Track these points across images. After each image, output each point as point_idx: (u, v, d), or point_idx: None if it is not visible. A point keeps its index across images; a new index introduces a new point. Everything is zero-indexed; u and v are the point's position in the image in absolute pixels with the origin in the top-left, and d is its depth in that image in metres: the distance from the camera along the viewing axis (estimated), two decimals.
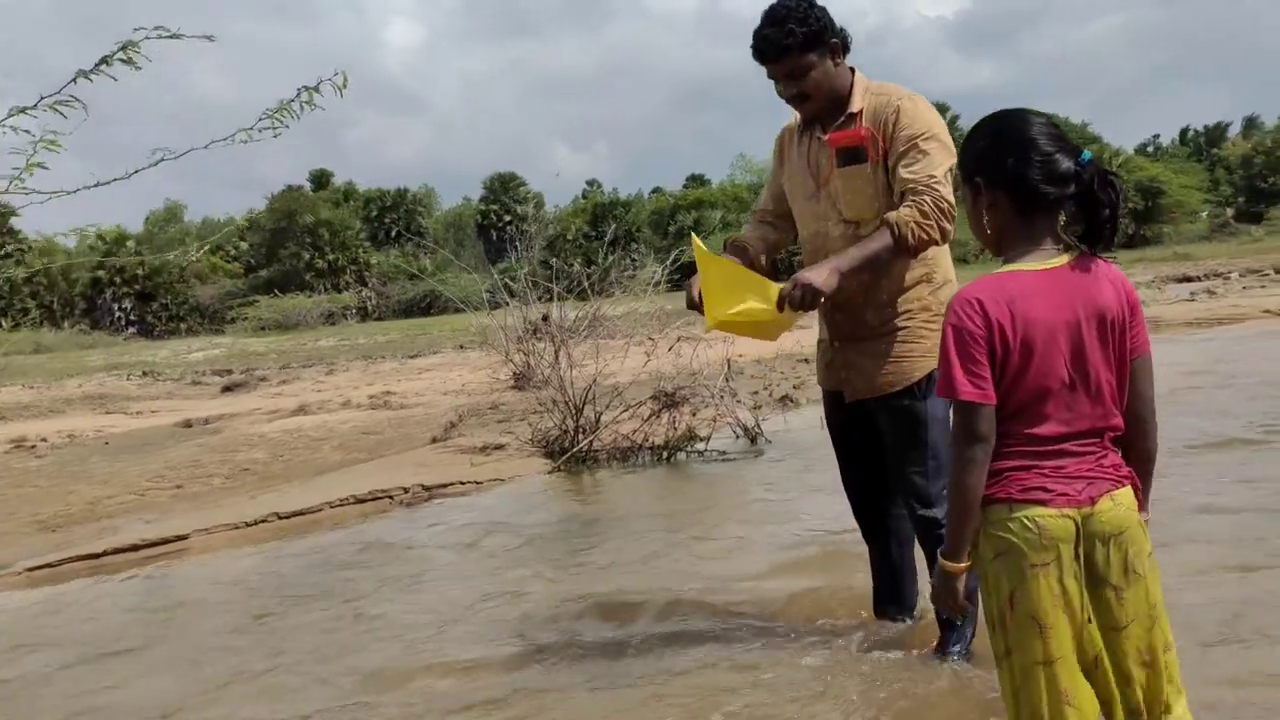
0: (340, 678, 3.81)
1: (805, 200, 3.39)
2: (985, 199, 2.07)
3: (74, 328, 46.69)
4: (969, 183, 2.10)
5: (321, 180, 67.58)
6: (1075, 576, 1.97)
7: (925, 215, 3.06)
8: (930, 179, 3.07)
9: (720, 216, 53.62)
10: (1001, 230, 2.07)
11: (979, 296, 1.98)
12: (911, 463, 3.28)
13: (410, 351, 22.00)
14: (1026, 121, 2.05)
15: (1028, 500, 1.98)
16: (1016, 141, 2.02)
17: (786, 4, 3.17)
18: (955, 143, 2.98)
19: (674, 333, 8.97)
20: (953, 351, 1.98)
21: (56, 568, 5.92)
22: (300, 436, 9.92)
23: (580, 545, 5.56)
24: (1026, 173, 1.99)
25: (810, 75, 3.20)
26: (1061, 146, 2.01)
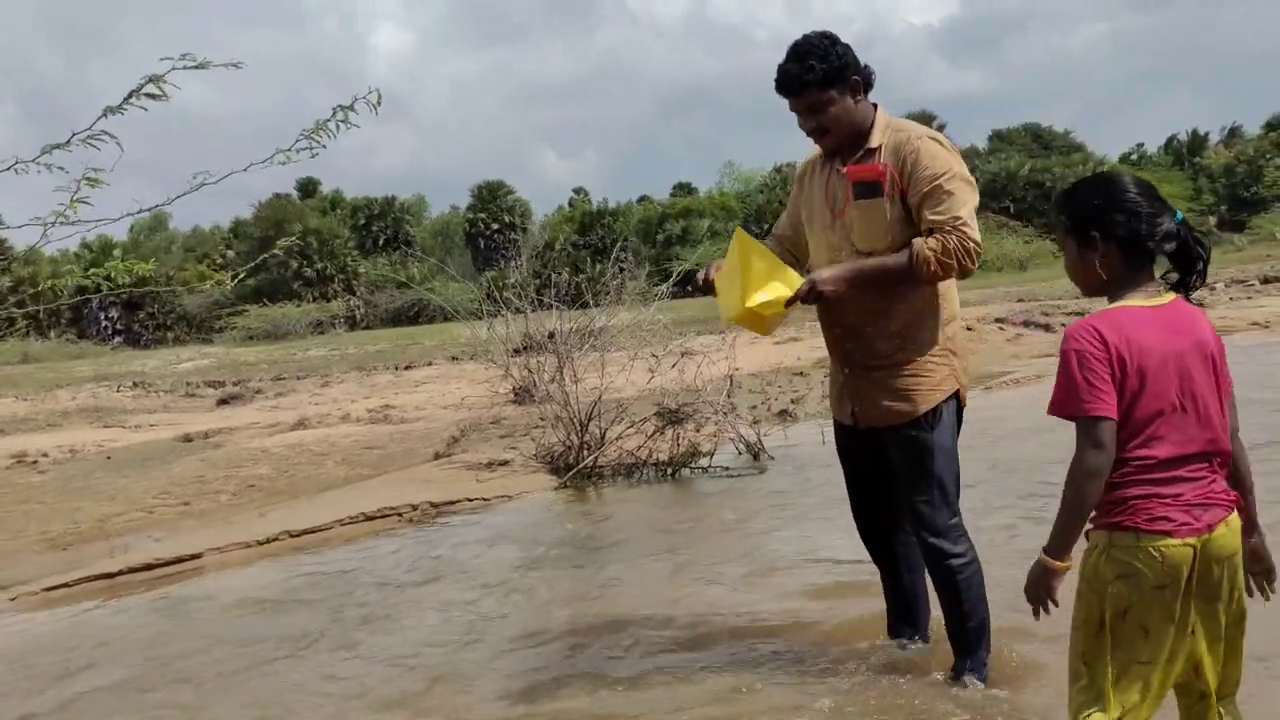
0: (357, 705, 3.88)
1: (821, 230, 3.48)
2: (1099, 250, 2.32)
3: (61, 337, 46.44)
4: (1080, 235, 2.35)
5: (309, 189, 67.32)
6: (1189, 594, 2.19)
7: (948, 253, 3.16)
8: (956, 220, 3.16)
9: (708, 225, 53.72)
10: (1112, 276, 2.33)
11: (1096, 325, 2.23)
12: (918, 492, 3.36)
13: (403, 362, 22.01)
14: (1136, 184, 2.34)
15: (1155, 531, 2.19)
16: (1130, 203, 2.30)
17: (810, 40, 3.26)
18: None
19: (677, 348, 9.06)
20: (1077, 372, 2.20)
21: (72, 588, 5.97)
22: (303, 451, 9.97)
23: (590, 564, 5.65)
24: (1140, 230, 2.28)
25: (829, 111, 3.28)
26: (1163, 207, 2.31)
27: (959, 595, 3.35)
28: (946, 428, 3.37)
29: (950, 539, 3.34)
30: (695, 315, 21.16)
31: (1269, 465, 6.13)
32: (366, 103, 3.48)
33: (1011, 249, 43.62)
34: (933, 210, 3.19)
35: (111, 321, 49.77)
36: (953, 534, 3.35)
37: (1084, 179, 2.45)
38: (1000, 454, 7.13)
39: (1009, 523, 5.39)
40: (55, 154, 3.08)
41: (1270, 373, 9.95)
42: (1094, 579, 2.23)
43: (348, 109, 3.50)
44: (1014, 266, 41.64)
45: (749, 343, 14.56)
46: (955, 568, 3.33)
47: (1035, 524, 4.97)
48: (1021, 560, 2.35)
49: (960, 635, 3.40)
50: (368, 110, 3.46)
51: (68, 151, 3.08)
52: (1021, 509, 5.65)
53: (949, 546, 3.34)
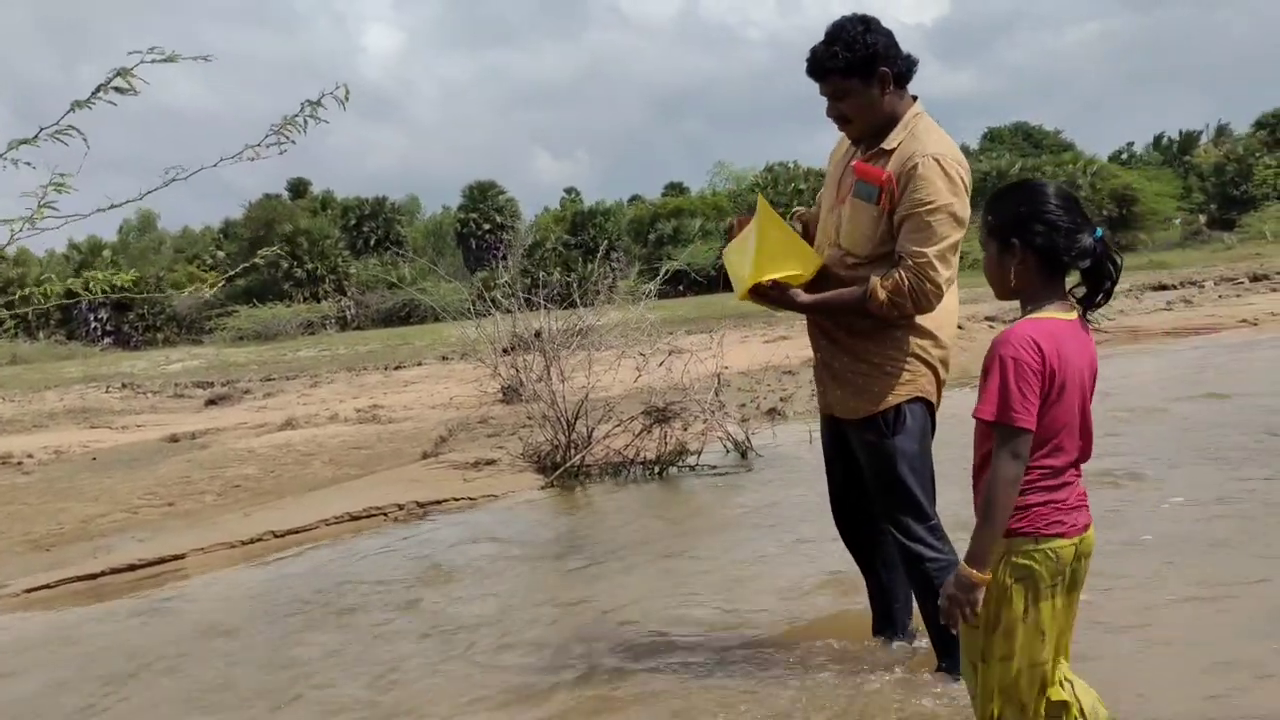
0: (342, 707, 3.85)
1: (827, 211, 3.47)
2: (1017, 257, 2.37)
3: (50, 338, 46.31)
4: (1001, 240, 2.40)
5: (299, 189, 67.26)
6: (1066, 590, 2.38)
7: (900, 292, 3.14)
8: (922, 255, 3.11)
9: (700, 225, 53.74)
10: (1025, 284, 2.39)
11: (1034, 336, 2.28)
12: (885, 496, 3.35)
13: (393, 362, 21.96)
14: (1061, 196, 2.39)
15: (1050, 534, 2.34)
16: (1052, 215, 2.35)
17: (843, 24, 3.18)
18: None
19: (665, 346, 9.03)
20: (1012, 381, 2.25)
21: (54, 589, 5.92)
22: (290, 452, 9.92)
23: (576, 563, 5.61)
24: (1059, 243, 2.33)
25: (850, 99, 3.21)
26: (1085, 223, 2.36)
27: (934, 595, 3.31)
28: (911, 433, 3.31)
29: (925, 543, 3.30)
30: (686, 314, 21.18)
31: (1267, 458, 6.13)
32: (335, 98, 3.44)
33: None
34: (906, 238, 3.16)
35: (101, 323, 49.60)
36: (928, 537, 3.31)
37: (1013, 184, 2.49)
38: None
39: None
40: (23, 150, 3.03)
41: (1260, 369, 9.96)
42: (992, 585, 2.32)
43: (315, 104, 3.45)
44: None
45: (738, 341, 14.56)
46: (931, 571, 3.27)
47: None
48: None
49: (940, 636, 3.36)
50: (337, 106, 3.43)
51: (35, 146, 3.03)
52: None
53: (924, 550, 3.29)
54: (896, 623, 3.71)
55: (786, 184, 52.42)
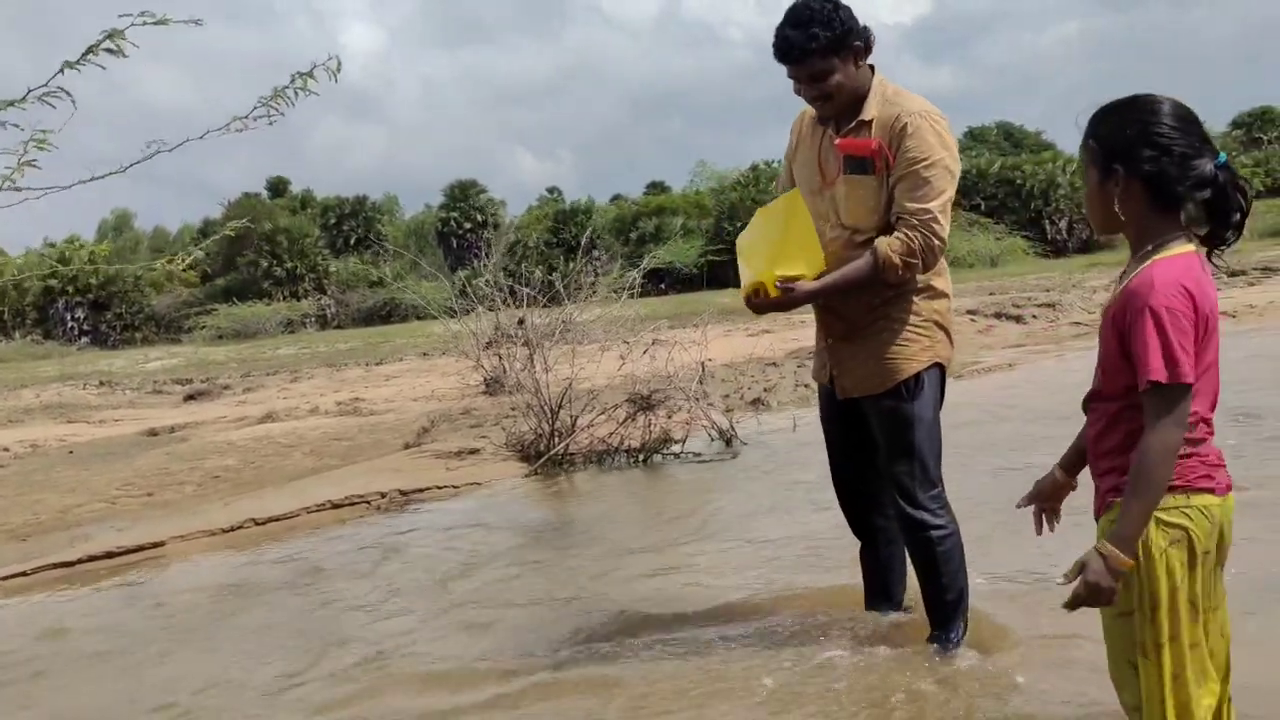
0: (315, 687, 3.80)
1: (809, 195, 3.38)
2: (1120, 186, 2.08)
3: (26, 338, 45.81)
4: (1102, 166, 2.11)
5: (278, 188, 66.86)
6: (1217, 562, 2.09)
7: (911, 252, 3.11)
8: (926, 212, 3.10)
9: (681, 223, 53.70)
10: (1132, 217, 2.09)
11: (1179, 278, 1.99)
12: (898, 463, 3.31)
13: (374, 358, 21.84)
14: (1176, 114, 2.06)
15: (1201, 489, 2.05)
16: (1164, 137, 2.03)
17: (811, 5, 3.13)
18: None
19: (648, 336, 9.00)
20: (1171, 334, 1.96)
21: (29, 576, 5.83)
22: (270, 443, 9.82)
23: (561, 547, 5.58)
24: (1170, 171, 2.03)
25: (832, 79, 3.17)
26: (1204, 146, 2.04)
27: (937, 567, 3.30)
28: (927, 399, 3.31)
29: (930, 510, 3.29)
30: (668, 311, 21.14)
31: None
32: (326, 70, 3.39)
33: (983, 245, 43.90)
34: (905, 195, 3.14)
35: (78, 322, 49.11)
36: (933, 505, 3.30)
37: (1120, 100, 2.14)
38: (963, 438, 7.10)
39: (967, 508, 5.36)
40: (10, 112, 2.97)
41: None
42: (1145, 553, 2.01)
43: (307, 75, 3.40)
44: (985, 263, 41.91)
45: (722, 334, 14.54)
46: (934, 539, 3.28)
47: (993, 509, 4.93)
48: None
49: (938, 607, 3.35)
50: (328, 78, 3.37)
51: (22, 109, 2.97)
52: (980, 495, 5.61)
53: (928, 518, 3.29)
54: (892, 596, 3.70)
55: (769, 182, 52.45)
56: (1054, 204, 51.18)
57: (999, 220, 48.55)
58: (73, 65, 2.92)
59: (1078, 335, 14.24)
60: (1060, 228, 50.99)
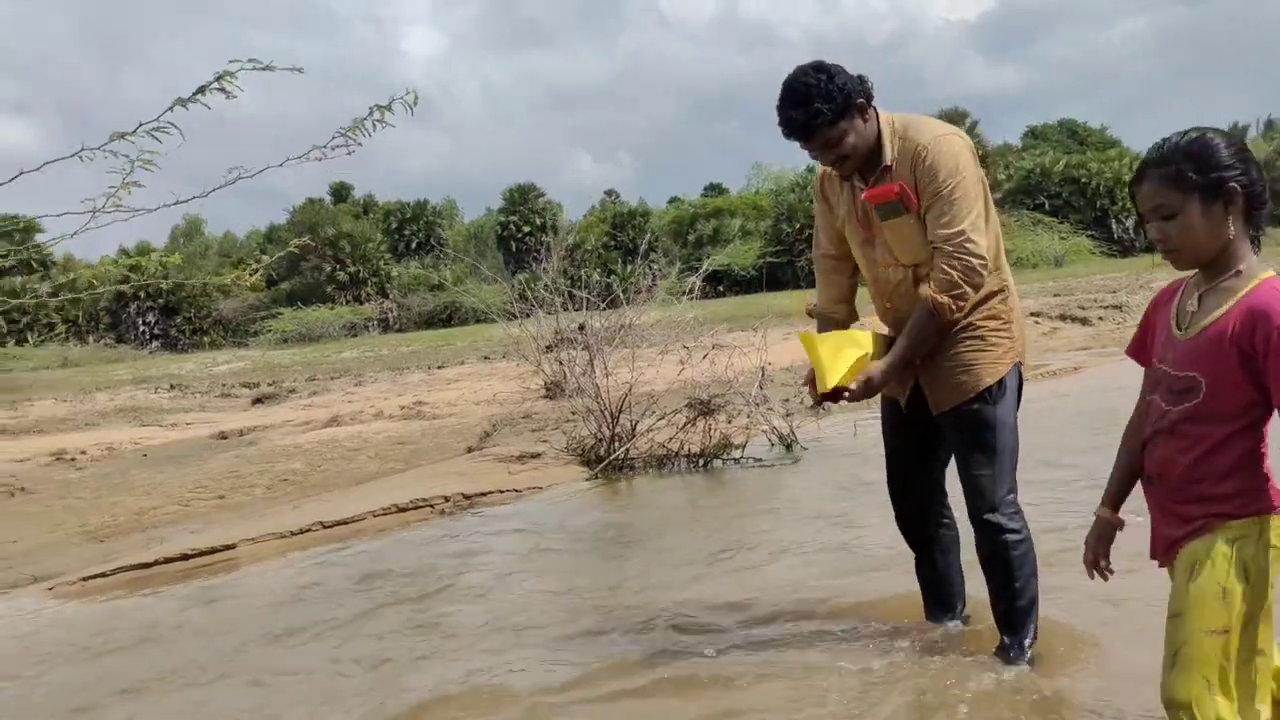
0: (396, 692, 3.87)
1: (860, 246, 3.45)
2: (1236, 203, 2.11)
3: (99, 342, 47.06)
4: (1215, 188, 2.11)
5: (341, 193, 67.91)
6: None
7: (955, 285, 3.14)
8: (960, 236, 3.14)
9: (739, 225, 53.61)
10: (1224, 238, 2.13)
11: None
12: (978, 466, 3.31)
13: (436, 362, 22.11)
14: (1235, 139, 2.15)
15: None
16: (1248, 157, 2.12)
17: (806, 81, 3.15)
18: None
19: (707, 340, 9.03)
20: None
21: (109, 577, 6.02)
22: (336, 447, 10.02)
23: (624, 552, 5.63)
24: (1260, 189, 2.11)
25: (846, 142, 3.21)
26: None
27: (1011, 573, 3.29)
28: (1010, 402, 3.34)
29: (1006, 514, 3.29)
30: (727, 313, 21.12)
31: None
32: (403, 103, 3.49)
33: (1047, 245, 43.25)
34: (936, 222, 3.17)
35: (149, 326, 50.34)
36: (1009, 510, 3.30)
37: (1191, 133, 2.16)
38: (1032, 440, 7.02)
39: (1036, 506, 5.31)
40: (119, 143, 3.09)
41: None
42: (1255, 574, 2.07)
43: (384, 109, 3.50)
44: (1049, 263, 41.26)
45: (782, 337, 14.50)
46: (1010, 544, 3.28)
47: (1059, 507, 4.87)
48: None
49: (1009, 614, 3.34)
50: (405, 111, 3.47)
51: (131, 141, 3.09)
52: (1047, 495, 5.56)
53: (1005, 522, 3.28)
54: (953, 608, 3.69)
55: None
56: (1120, 202, 50.20)
57: (1063, 219, 47.77)
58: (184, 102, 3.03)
59: None
60: (1127, 226, 49.97)
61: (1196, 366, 2.12)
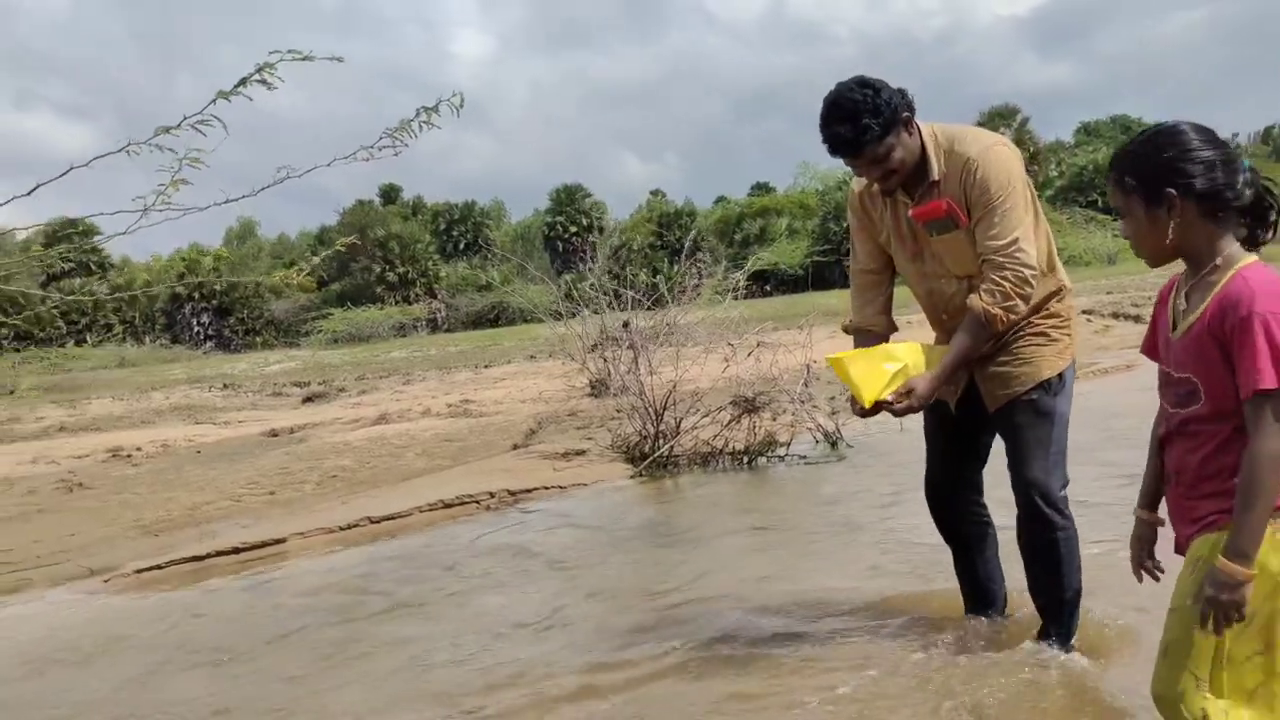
0: (435, 685, 3.92)
1: (909, 261, 3.41)
2: (1177, 208, 2.08)
3: (155, 342, 48.02)
4: (1153, 194, 2.10)
5: (390, 195, 68.71)
6: None
7: (1007, 296, 3.12)
8: (1011, 246, 3.11)
9: (786, 224, 53.42)
10: (1188, 240, 2.10)
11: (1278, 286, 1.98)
12: (1033, 457, 3.27)
13: (483, 361, 22.28)
14: (1201, 132, 2.10)
15: None
16: (1205, 153, 2.07)
17: (852, 97, 3.12)
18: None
19: (752, 339, 9.01)
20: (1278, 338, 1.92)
21: (164, 569, 6.15)
22: (384, 444, 10.14)
23: (669, 548, 5.64)
24: (1221, 181, 2.05)
25: (894, 157, 3.18)
26: (1235, 153, 2.08)
27: (1059, 564, 3.27)
28: (1067, 395, 3.32)
29: (1059, 509, 3.26)
30: (773, 313, 21.04)
31: None
32: (449, 105, 3.51)
33: (1099, 243, 42.62)
34: (986, 234, 3.15)
35: (203, 327, 51.30)
36: (1062, 504, 3.28)
37: (1145, 133, 2.18)
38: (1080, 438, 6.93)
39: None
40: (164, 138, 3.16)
41: None
42: (1261, 575, 1.97)
43: (431, 110, 3.53)
44: (1101, 261, 40.64)
45: (828, 337, 14.43)
46: (1060, 539, 3.26)
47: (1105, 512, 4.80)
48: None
49: (1054, 604, 3.33)
50: (450, 112, 3.50)
51: (176, 135, 3.15)
52: (1094, 491, 5.48)
53: (1056, 517, 3.25)
54: (994, 603, 3.66)
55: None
56: None
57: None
58: (226, 95, 3.09)
59: None
60: None
61: (1190, 368, 2.09)
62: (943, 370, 3.19)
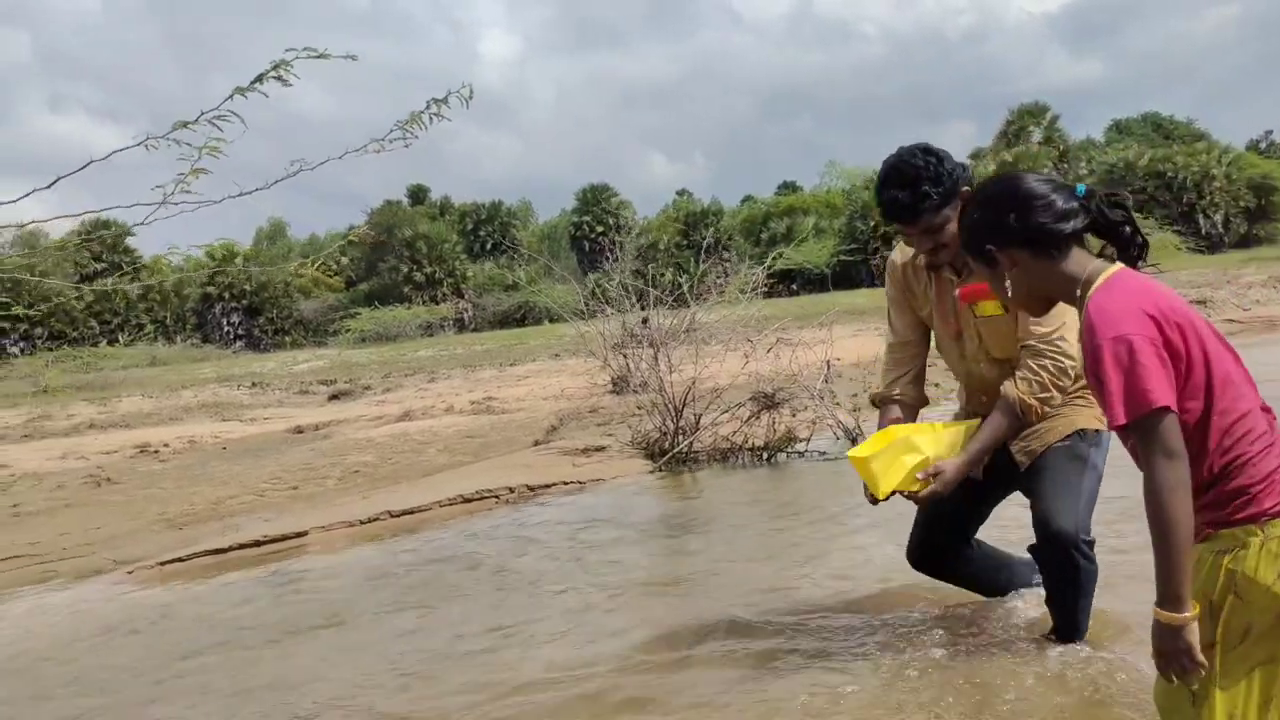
0: (446, 679, 3.95)
1: (949, 340, 3.38)
2: (1004, 264, 2.06)
3: (186, 341, 48.50)
4: (982, 256, 2.09)
5: (418, 195, 69.07)
6: None
7: (1045, 387, 3.09)
8: (1054, 334, 3.09)
9: (813, 222, 53.23)
10: (1043, 283, 2.06)
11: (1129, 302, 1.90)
12: (1066, 507, 3.18)
13: (508, 360, 22.37)
14: (1014, 178, 2.08)
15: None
16: (1011, 199, 2.04)
17: (914, 162, 3.07)
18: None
19: (772, 335, 9.01)
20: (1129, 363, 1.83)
21: (186, 562, 6.22)
22: (406, 440, 10.21)
23: (686, 542, 5.65)
24: (1032, 220, 2.01)
25: (947, 229, 3.10)
26: (1055, 187, 2.03)
27: (1077, 594, 3.25)
28: (1103, 452, 3.27)
29: (1085, 554, 3.19)
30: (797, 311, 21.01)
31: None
32: (459, 96, 3.55)
33: None
34: (1029, 321, 3.10)
35: (233, 326, 51.75)
36: (1088, 547, 3.21)
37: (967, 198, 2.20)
38: None
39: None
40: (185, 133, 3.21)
41: None
42: (1247, 586, 1.85)
43: (440, 102, 3.57)
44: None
45: (851, 334, 14.40)
46: (1081, 579, 3.22)
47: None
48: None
49: (1068, 621, 3.31)
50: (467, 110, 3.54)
51: (194, 130, 3.20)
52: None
53: (1083, 561, 3.18)
54: (1005, 589, 3.69)
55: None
56: (1208, 196, 48.78)
57: (1148, 215, 46.47)
58: (243, 91, 3.14)
59: (1230, 334, 13.58)
60: (1215, 221, 48.57)
61: None
62: (972, 456, 3.14)
